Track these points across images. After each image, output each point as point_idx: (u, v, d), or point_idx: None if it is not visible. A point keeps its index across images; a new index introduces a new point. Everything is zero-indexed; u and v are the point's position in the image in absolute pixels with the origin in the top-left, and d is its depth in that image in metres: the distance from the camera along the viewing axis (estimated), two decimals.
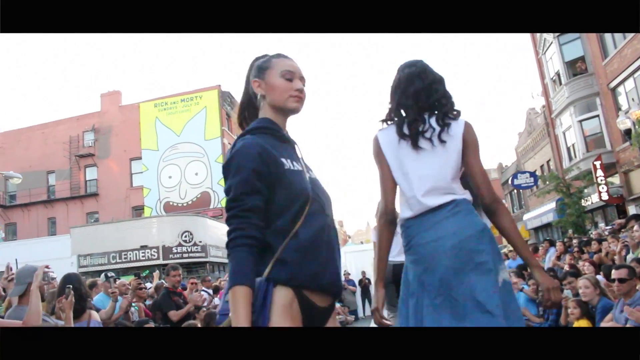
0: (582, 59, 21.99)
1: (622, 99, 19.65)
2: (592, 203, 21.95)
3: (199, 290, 7.68)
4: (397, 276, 2.87)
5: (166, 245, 24.31)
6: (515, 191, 36.05)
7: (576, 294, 5.58)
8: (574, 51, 22.19)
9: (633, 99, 18.43)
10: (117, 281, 7.22)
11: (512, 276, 7.45)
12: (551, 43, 23.16)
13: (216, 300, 10.07)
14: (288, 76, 2.08)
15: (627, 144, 17.49)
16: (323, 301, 1.99)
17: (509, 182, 29.80)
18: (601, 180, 20.10)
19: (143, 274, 14.68)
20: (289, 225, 1.92)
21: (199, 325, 5.57)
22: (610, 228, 12.25)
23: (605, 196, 20.11)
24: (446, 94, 2.61)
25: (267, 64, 2.13)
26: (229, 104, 33.59)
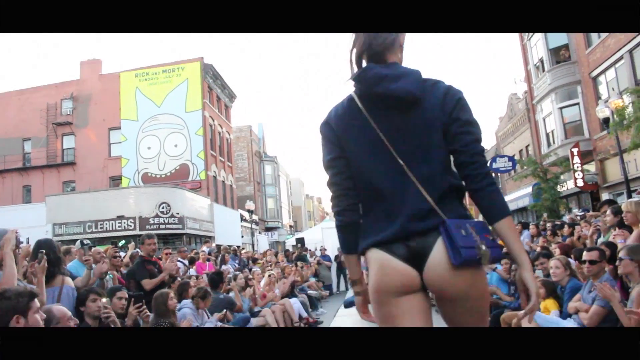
0: (566, 46, 22.12)
1: (603, 88, 19.85)
2: (567, 189, 22.31)
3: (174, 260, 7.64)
4: None
5: (143, 216, 24.15)
6: (493, 174, 36.42)
7: (547, 275, 5.69)
8: (558, 39, 22.30)
9: (613, 89, 18.63)
10: (92, 249, 7.15)
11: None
12: None
13: (191, 271, 10.06)
14: None
15: (604, 132, 17.73)
16: None
17: (488, 165, 30.06)
18: (577, 167, 20.46)
19: (120, 244, 14.57)
20: None
21: (172, 294, 5.56)
22: (583, 214, 12.47)
23: (580, 183, 20.49)
24: None
25: None
26: (211, 76, 33.20)
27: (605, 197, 18.76)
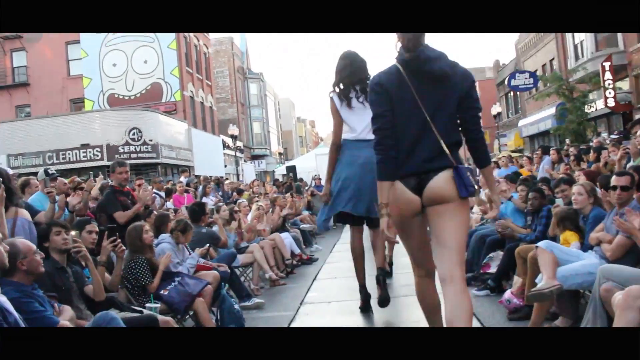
0: None
1: None
2: (596, 110, 22.28)
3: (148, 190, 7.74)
4: None
5: (111, 144, 24.16)
6: (511, 93, 36.31)
7: (568, 203, 5.78)
8: None
9: None
10: (57, 179, 7.20)
11: (503, 183, 7.69)
12: None
13: (168, 204, 10.20)
14: None
15: (620, 33, 17.49)
16: None
17: (506, 82, 29.93)
18: (609, 84, 20.29)
19: (85, 178, 14.61)
20: None
21: (148, 227, 5.67)
22: (618, 137, 12.48)
23: (611, 102, 20.39)
24: (366, 75, 5.41)
25: None
26: None
27: None
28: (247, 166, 39.55)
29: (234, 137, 32.76)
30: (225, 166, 35.03)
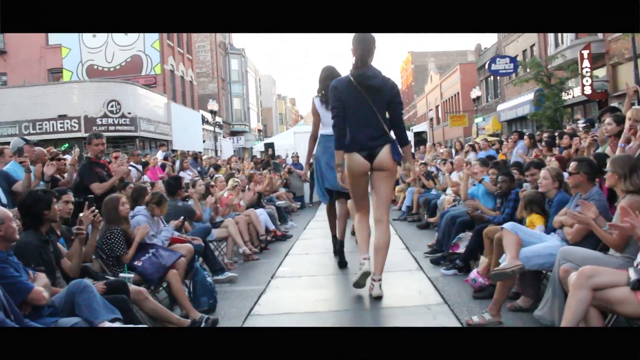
0: None
1: None
2: (573, 97, 22.58)
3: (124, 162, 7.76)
4: None
5: (89, 116, 23.97)
6: (491, 77, 36.53)
7: (537, 187, 5.94)
8: None
9: None
10: (37, 148, 7.18)
11: (477, 165, 7.85)
12: None
13: (145, 177, 10.21)
14: None
15: (620, 33, 17.76)
16: None
17: (486, 67, 30.10)
18: (586, 72, 20.56)
19: (62, 148, 14.55)
20: None
21: (124, 199, 5.73)
22: (586, 124, 12.70)
23: (588, 90, 20.68)
24: None
25: None
26: None
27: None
28: (225, 142, 39.42)
29: (213, 113, 32.62)
30: (204, 141, 34.93)
